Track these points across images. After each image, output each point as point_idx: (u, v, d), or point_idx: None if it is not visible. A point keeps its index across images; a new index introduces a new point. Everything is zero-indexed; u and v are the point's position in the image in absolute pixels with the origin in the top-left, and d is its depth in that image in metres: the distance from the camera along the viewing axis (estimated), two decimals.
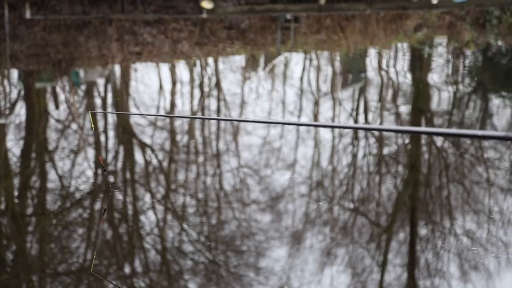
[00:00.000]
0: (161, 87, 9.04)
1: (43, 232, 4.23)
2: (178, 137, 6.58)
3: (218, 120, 6.57)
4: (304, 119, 7.31)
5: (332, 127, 5.93)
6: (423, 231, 4.29)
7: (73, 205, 4.64)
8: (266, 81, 9.29)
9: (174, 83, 9.29)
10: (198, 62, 11.13)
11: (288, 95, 8.46)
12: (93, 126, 5.07)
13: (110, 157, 5.78)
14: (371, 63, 11.41)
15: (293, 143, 6.19)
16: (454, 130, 1.97)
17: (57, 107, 7.74)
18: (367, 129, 2.73)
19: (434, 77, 9.81)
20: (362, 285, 3.62)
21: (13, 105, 7.70)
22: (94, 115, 6.31)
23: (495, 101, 8.31)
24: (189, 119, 6.90)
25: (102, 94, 8.75)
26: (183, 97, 8.52)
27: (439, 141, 6.16)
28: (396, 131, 5.61)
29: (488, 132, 1.84)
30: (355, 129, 6.46)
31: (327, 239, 4.15)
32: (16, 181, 5.19)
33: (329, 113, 7.69)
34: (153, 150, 5.98)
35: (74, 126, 6.78)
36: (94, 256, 3.84)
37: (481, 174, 5.43)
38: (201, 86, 9.28)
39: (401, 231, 4.31)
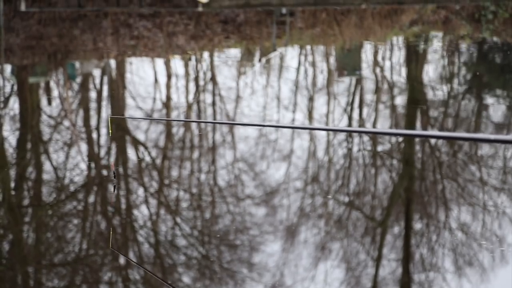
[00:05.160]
0: (156, 80, 9.02)
1: (39, 222, 4.23)
2: (174, 130, 6.58)
3: (228, 124, 6.59)
4: (299, 115, 7.31)
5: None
6: (417, 225, 4.30)
7: (72, 194, 4.64)
8: (261, 76, 9.28)
9: (169, 77, 9.27)
10: (193, 57, 11.12)
11: (283, 90, 8.45)
12: (110, 132, 5.03)
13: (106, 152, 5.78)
14: (366, 58, 11.41)
15: (288, 136, 6.19)
16: (465, 134, 1.96)
17: (49, 103, 7.58)
18: (373, 133, 2.73)
19: (429, 72, 9.81)
20: (356, 280, 3.63)
21: (6, 100, 7.63)
22: (112, 121, 6.21)
23: (490, 98, 8.33)
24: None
25: (98, 86, 8.73)
26: (178, 91, 8.51)
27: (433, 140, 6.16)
28: (402, 135, 5.59)
29: (501, 136, 1.84)
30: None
31: (322, 233, 4.16)
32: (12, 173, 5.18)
33: (323, 109, 7.68)
34: (145, 147, 5.98)
35: (66, 122, 6.73)
36: (111, 233, 3.89)
37: (475, 171, 5.44)
38: (196, 80, 9.27)
39: (396, 225, 4.32)
